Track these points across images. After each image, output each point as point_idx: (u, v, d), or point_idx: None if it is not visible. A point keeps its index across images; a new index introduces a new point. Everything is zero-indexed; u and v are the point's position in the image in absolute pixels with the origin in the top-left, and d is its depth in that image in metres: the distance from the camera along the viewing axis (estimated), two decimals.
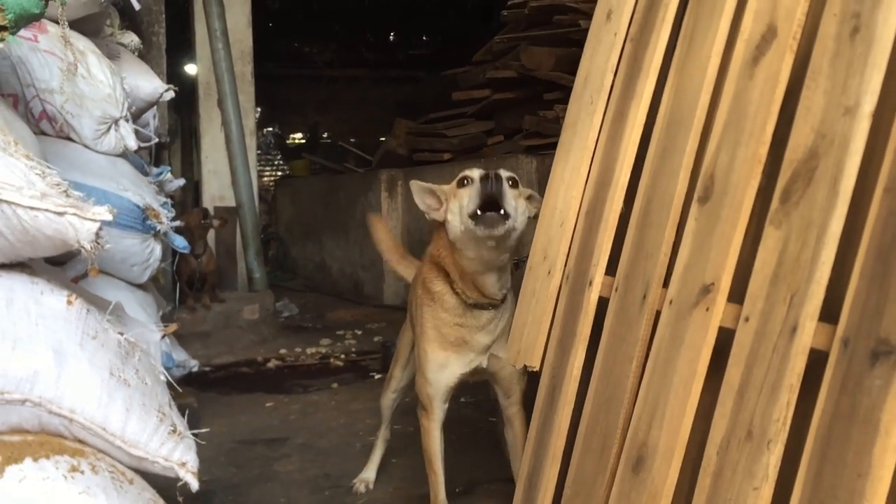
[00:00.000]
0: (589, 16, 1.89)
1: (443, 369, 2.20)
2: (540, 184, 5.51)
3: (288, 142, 14.23)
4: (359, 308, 6.99)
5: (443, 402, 2.26)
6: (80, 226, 1.51)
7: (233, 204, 6.66)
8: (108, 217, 1.55)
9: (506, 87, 6.57)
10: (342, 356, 5.23)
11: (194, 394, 3.97)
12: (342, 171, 9.67)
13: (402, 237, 7.06)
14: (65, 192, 1.59)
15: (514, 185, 2.06)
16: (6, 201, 1.47)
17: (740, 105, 1.32)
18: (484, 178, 1.96)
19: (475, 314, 2.10)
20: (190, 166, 8.14)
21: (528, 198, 2.15)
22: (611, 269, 1.57)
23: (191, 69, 7.22)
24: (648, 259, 1.43)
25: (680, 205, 1.41)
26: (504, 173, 2.05)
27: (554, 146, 5.36)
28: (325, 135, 14.29)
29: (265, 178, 13.07)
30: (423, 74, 11.32)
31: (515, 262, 2.38)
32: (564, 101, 5.92)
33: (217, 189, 6.71)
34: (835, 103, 1.14)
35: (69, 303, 1.65)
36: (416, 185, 2.20)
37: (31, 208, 1.48)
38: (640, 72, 1.58)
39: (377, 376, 4.57)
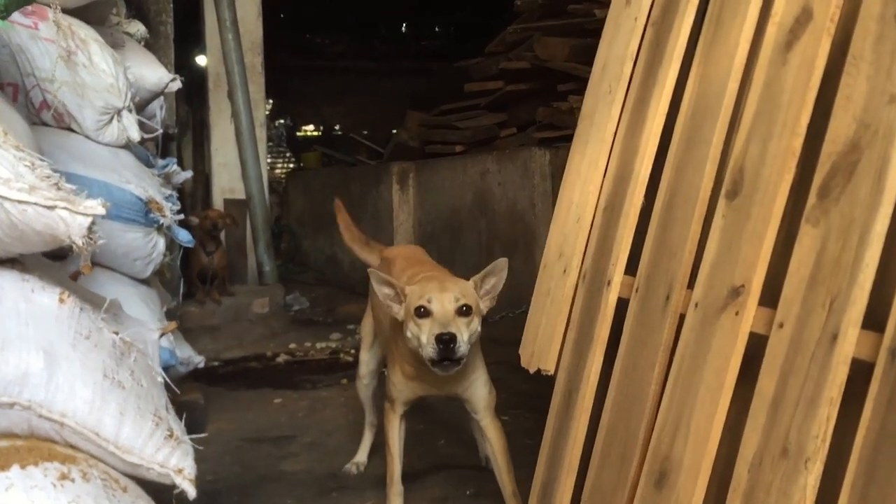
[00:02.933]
0: (604, 5, 1.82)
1: (404, 387, 2.45)
2: (553, 177, 5.42)
3: (299, 133, 14.17)
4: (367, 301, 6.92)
5: (404, 404, 2.50)
6: (72, 220, 1.44)
7: (243, 196, 6.59)
8: (101, 211, 1.47)
9: (519, 79, 6.48)
10: (352, 351, 5.15)
11: (202, 389, 3.91)
12: (354, 163, 9.61)
13: (414, 230, 6.98)
14: (55, 184, 1.51)
15: (467, 311, 2.21)
16: None
17: (772, 93, 1.22)
18: (439, 340, 2.11)
19: (430, 374, 2.28)
20: (202, 158, 8.08)
21: (485, 276, 2.26)
22: (631, 267, 1.48)
23: (202, 60, 7.15)
24: (672, 258, 1.34)
25: (706, 200, 1.31)
26: (457, 304, 2.20)
27: (568, 138, 5.28)
28: (336, 127, 14.23)
29: (277, 171, 13.01)
30: (435, 66, 11.21)
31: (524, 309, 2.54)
32: (579, 92, 5.86)
33: (227, 181, 6.64)
34: (879, 90, 1.05)
35: (61, 301, 1.58)
36: (373, 273, 2.37)
37: (20, 202, 1.41)
38: (663, 58, 1.48)
39: (386, 372, 4.51)
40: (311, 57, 12.23)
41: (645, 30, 1.57)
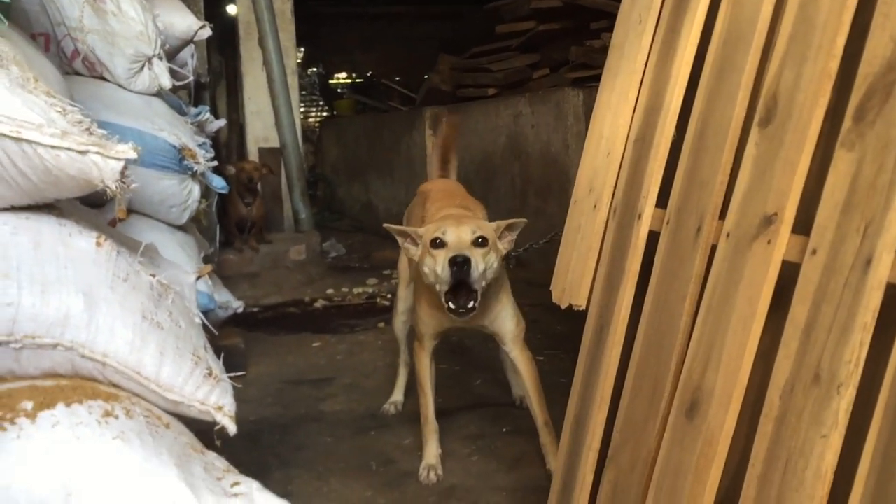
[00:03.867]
0: None
1: (431, 319, 2.46)
2: (586, 117, 5.32)
3: (331, 82, 14.09)
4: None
5: (433, 339, 2.52)
6: (104, 164, 1.46)
7: (276, 145, 6.61)
8: (133, 155, 1.49)
9: (551, 18, 6.36)
10: (388, 295, 5.21)
11: (242, 334, 3.99)
12: (387, 109, 9.56)
13: None
14: (87, 129, 1.53)
15: (483, 242, 2.23)
16: (27, 140, 1.42)
17: (807, 15, 1.18)
18: (453, 263, 2.12)
19: None
20: (236, 108, 8.09)
21: (508, 227, 2.32)
22: (662, 201, 1.46)
23: (231, 9, 7.12)
24: (703, 188, 1.32)
25: (738, 129, 1.28)
26: (473, 235, 2.23)
27: (601, 77, 5.19)
28: (369, 74, 14.14)
29: (311, 119, 13.00)
30: (466, 9, 11.03)
31: (552, 235, 2.54)
32: (612, 29, 5.72)
33: (261, 130, 6.66)
34: None
35: (98, 244, 1.60)
36: (387, 227, 2.42)
37: (53, 147, 1.43)
38: None
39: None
40: (341, 3, 12.09)
41: None
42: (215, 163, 2.88)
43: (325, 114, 13.18)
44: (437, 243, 2.22)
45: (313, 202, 7.81)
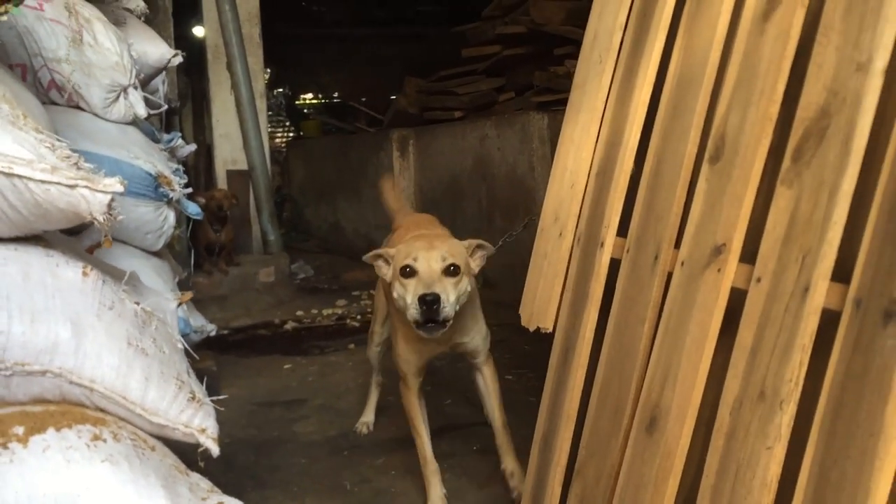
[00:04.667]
0: None
1: (412, 354, 2.45)
2: (552, 141, 5.47)
3: (298, 102, 14.15)
4: (373, 269, 7.02)
5: (416, 376, 2.49)
6: (92, 198, 1.52)
7: (245, 167, 6.66)
8: (120, 189, 1.56)
9: (516, 43, 6.51)
10: (358, 317, 5.27)
11: (213, 357, 4.02)
12: (354, 131, 9.65)
13: (415, 196, 7.05)
14: (75, 164, 1.60)
15: (454, 271, 2.19)
16: (18, 175, 1.48)
17: (751, 62, 1.30)
18: (422, 301, 2.10)
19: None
20: (202, 129, 8.13)
21: (478, 247, 2.31)
22: (622, 230, 1.56)
23: (199, 31, 7.18)
24: (659, 220, 1.43)
25: (691, 165, 1.39)
26: (444, 263, 2.20)
27: (565, 102, 5.33)
28: (335, 95, 14.23)
29: (277, 140, 13.03)
30: (433, 32, 11.19)
31: (527, 221, 2.53)
32: (575, 55, 5.87)
33: (229, 153, 6.71)
34: (847, 59, 1.12)
35: (85, 274, 1.67)
36: (365, 257, 2.45)
37: (43, 182, 1.49)
38: (650, 29, 1.55)
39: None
40: (309, 25, 12.19)
41: (633, 2, 1.64)
42: (189, 190, 2.94)
43: (291, 134, 13.23)
44: (407, 272, 2.20)
45: (280, 223, 7.85)
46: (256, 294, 5.90)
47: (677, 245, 1.38)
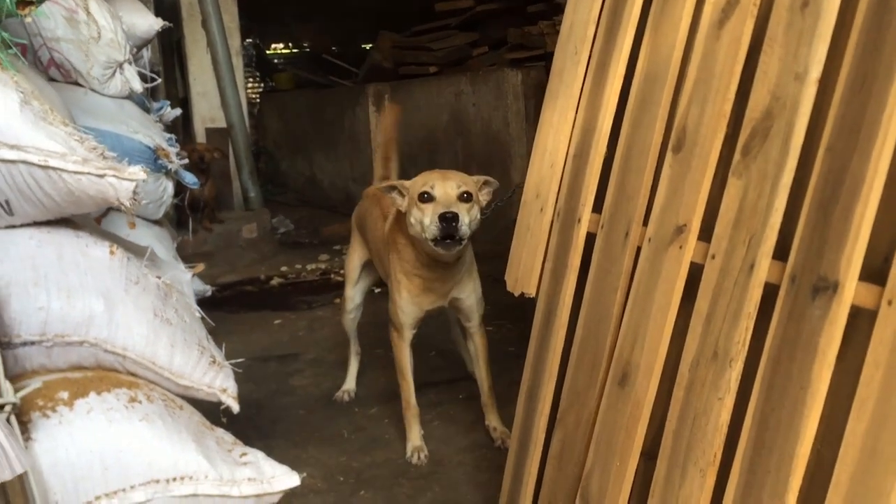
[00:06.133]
0: None
1: (411, 306, 2.60)
2: (526, 96, 5.63)
3: (268, 52, 14.05)
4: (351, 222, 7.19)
5: (411, 328, 2.67)
6: (119, 185, 1.68)
7: (223, 125, 6.74)
8: (143, 177, 1.72)
9: None
10: (341, 271, 5.44)
11: (206, 314, 4.19)
12: (328, 84, 9.68)
13: None
14: (101, 154, 1.75)
15: (468, 198, 2.40)
16: (53, 167, 1.64)
17: (708, 64, 1.48)
18: (442, 218, 2.30)
19: (431, 268, 2.51)
20: (174, 83, 8.15)
21: (485, 183, 2.52)
22: (597, 206, 1.76)
23: None
24: (630, 201, 1.62)
25: (656, 153, 1.58)
26: (459, 189, 2.40)
27: (538, 58, 5.50)
28: (305, 45, 14.15)
29: (248, 92, 12.97)
30: None
31: (512, 191, 2.72)
32: (547, 14, 6.00)
33: (207, 111, 6.79)
34: (787, 69, 1.31)
35: (112, 253, 1.84)
36: (379, 187, 2.60)
37: (75, 172, 1.65)
38: (620, 25, 1.73)
39: (377, 290, 4.81)
40: None
41: None
42: (186, 161, 3.08)
43: (260, 85, 13.15)
44: (425, 197, 2.37)
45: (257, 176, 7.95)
46: (240, 250, 6.06)
47: (645, 223, 1.58)
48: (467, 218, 2.35)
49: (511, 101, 5.68)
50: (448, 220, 2.29)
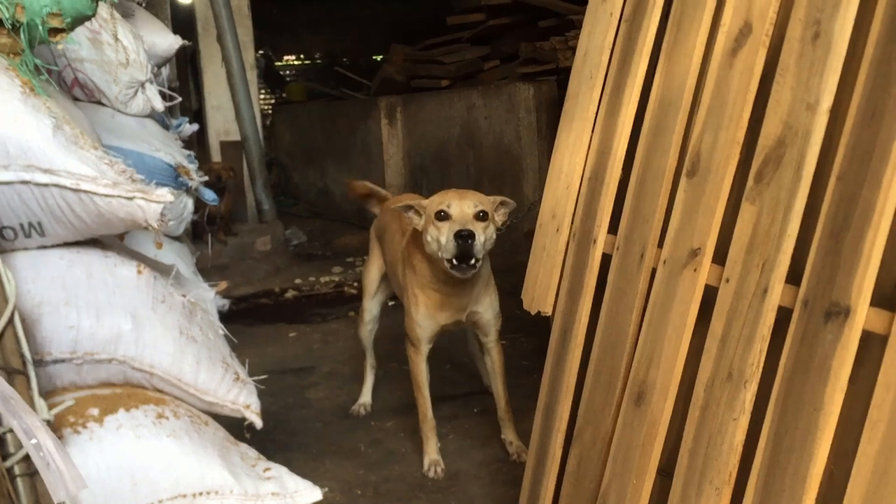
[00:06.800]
0: None
1: (427, 320, 2.65)
2: (537, 110, 5.68)
3: (279, 63, 14.14)
4: (364, 233, 7.20)
5: (428, 343, 2.70)
6: (148, 207, 1.74)
7: (237, 138, 6.82)
8: (171, 199, 1.78)
9: (501, 13, 6.66)
10: (354, 284, 5.50)
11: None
12: (340, 96, 9.76)
13: (403, 163, 7.24)
14: (130, 177, 1.81)
15: (484, 217, 2.43)
16: (84, 191, 1.69)
17: (721, 92, 1.52)
18: (458, 236, 2.35)
19: (448, 283, 2.55)
20: (187, 95, 8.23)
21: (501, 203, 2.54)
22: (612, 227, 1.80)
23: None
24: (645, 224, 1.66)
25: (671, 177, 1.63)
26: (475, 209, 2.43)
27: (550, 73, 5.53)
28: (316, 56, 14.26)
29: (260, 104, 13.06)
30: None
31: (529, 206, 2.79)
32: (558, 29, 6.04)
33: (222, 124, 6.87)
34: (799, 99, 1.35)
35: (139, 272, 1.89)
36: (396, 207, 2.61)
37: (106, 195, 1.70)
38: (634, 52, 1.77)
39: (391, 303, 4.86)
40: None
41: (619, 25, 1.85)
42: (205, 178, 3.14)
43: (271, 97, 13.24)
44: (442, 216, 2.42)
45: None
46: (255, 262, 6.12)
47: (660, 245, 1.62)
48: (482, 237, 2.39)
49: (523, 114, 5.73)
50: (464, 238, 2.34)
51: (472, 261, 2.38)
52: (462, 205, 2.43)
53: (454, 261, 2.39)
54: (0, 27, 1.75)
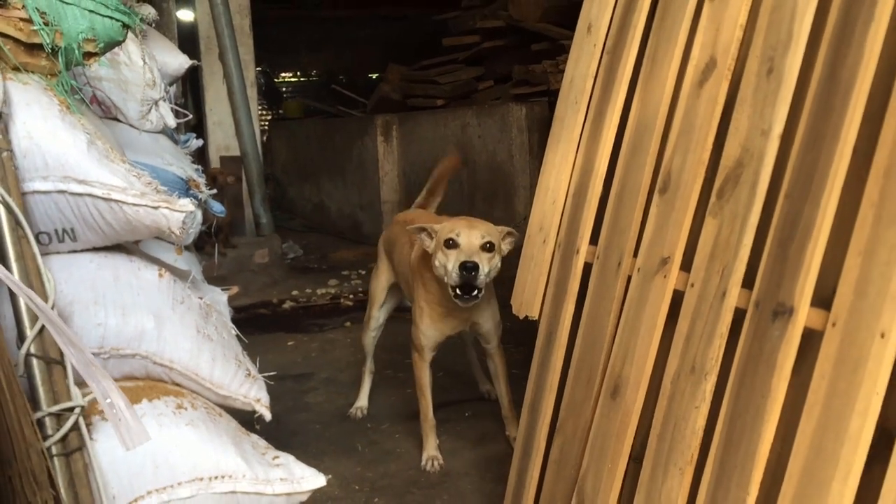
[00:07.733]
0: None
1: (432, 330, 2.83)
2: (529, 130, 5.89)
3: (276, 81, 14.36)
4: (359, 247, 7.42)
5: (431, 350, 2.88)
6: (171, 216, 1.91)
7: (237, 153, 6.99)
8: (192, 209, 1.96)
9: (495, 35, 6.88)
10: (350, 296, 5.67)
11: None
12: (336, 113, 9.96)
13: (398, 180, 7.43)
14: (155, 188, 1.99)
15: (490, 248, 2.58)
16: (115, 200, 1.87)
17: (690, 118, 1.72)
18: (463, 267, 2.50)
19: (456, 308, 2.69)
20: (189, 110, 8.43)
21: (508, 233, 2.70)
22: (593, 238, 1.98)
23: (186, 15, 7.48)
24: (622, 235, 1.85)
25: (645, 193, 1.81)
26: (482, 240, 2.58)
27: (542, 94, 5.74)
28: (313, 73, 14.48)
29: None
30: (412, 14, 11.50)
31: (524, 218, 3.00)
32: (550, 53, 6.26)
33: (222, 140, 7.04)
34: (755, 126, 1.54)
35: (160, 275, 2.06)
36: (410, 229, 2.77)
37: (134, 205, 1.88)
38: (615, 81, 1.96)
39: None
40: (290, 7, 12.42)
41: (602, 56, 2.04)
42: (214, 191, 3.31)
43: (268, 113, 13.44)
44: (450, 244, 2.57)
45: None
46: (252, 274, 6.28)
47: (635, 255, 1.81)
48: (487, 267, 2.55)
49: (515, 134, 5.93)
50: (468, 270, 2.49)
51: (475, 291, 2.53)
52: (471, 235, 2.57)
53: (457, 290, 2.55)
54: (40, 51, 1.93)
